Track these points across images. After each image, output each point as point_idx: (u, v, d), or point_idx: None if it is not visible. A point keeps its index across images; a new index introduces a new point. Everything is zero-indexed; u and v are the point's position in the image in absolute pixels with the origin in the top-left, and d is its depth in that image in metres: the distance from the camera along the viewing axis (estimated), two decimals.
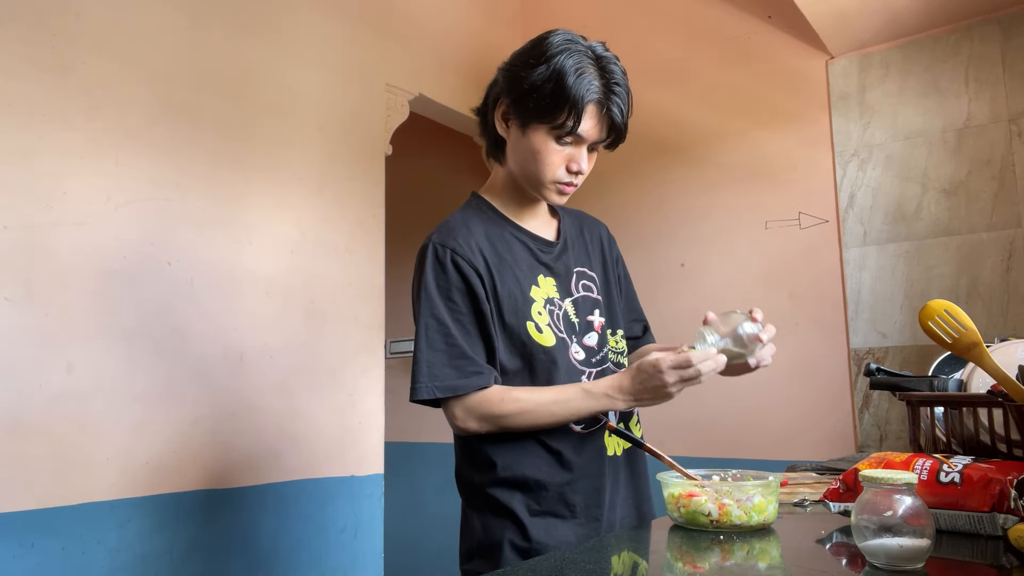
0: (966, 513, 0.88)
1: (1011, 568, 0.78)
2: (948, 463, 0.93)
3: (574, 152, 1.14)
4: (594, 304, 1.26)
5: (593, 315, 1.24)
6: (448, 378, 1.10)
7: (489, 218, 1.22)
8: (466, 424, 1.10)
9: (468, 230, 1.17)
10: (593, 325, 1.23)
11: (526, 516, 1.11)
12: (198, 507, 1.83)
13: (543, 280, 1.20)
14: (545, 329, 1.16)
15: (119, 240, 1.75)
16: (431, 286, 1.13)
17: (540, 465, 1.13)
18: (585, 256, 1.30)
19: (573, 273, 1.26)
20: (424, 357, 1.11)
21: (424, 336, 1.12)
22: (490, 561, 1.12)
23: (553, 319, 1.18)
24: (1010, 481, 0.87)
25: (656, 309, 2.66)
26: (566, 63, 1.08)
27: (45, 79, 1.66)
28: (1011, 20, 2.11)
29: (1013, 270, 2.04)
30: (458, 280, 1.13)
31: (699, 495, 0.96)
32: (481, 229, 1.18)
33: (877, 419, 2.20)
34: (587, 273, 1.28)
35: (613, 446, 1.19)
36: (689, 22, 2.72)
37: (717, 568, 0.82)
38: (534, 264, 1.21)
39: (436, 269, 1.14)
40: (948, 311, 1.05)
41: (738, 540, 0.90)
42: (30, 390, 1.56)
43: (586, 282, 1.27)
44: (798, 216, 2.43)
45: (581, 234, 1.33)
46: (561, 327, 1.18)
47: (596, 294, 1.27)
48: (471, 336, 1.13)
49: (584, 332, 1.22)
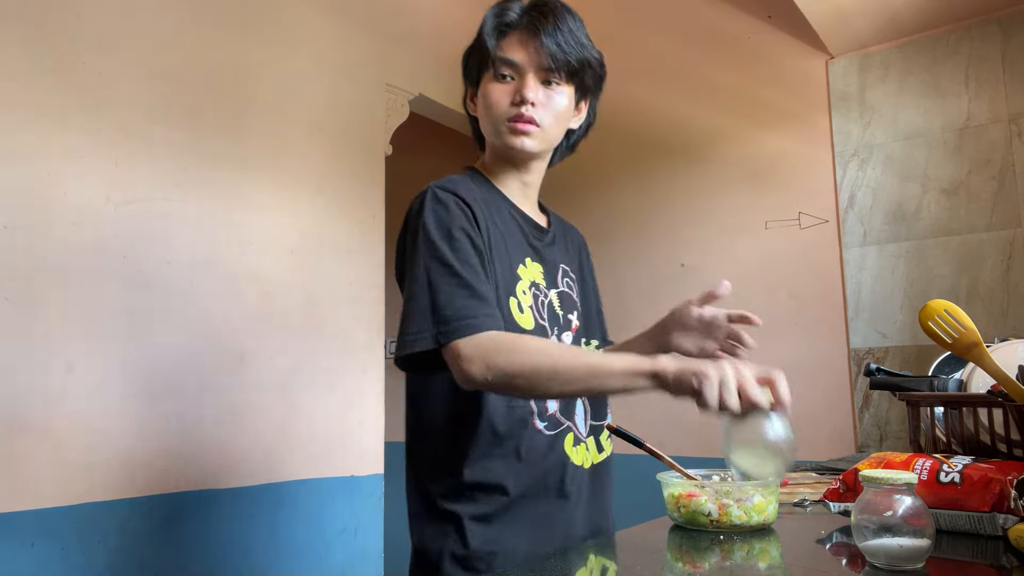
0: (966, 513, 0.88)
1: (1011, 568, 0.78)
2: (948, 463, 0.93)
3: (518, 84, 1.09)
4: (573, 305, 1.19)
5: (572, 315, 1.17)
6: (456, 317, 0.94)
7: (487, 188, 1.15)
8: (470, 369, 0.91)
9: (469, 187, 1.09)
10: (571, 325, 1.16)
11: (472, 524, 1.00)
12: (198, 507, 1.83)
13: (531, 263, 1.12)
14: (527, 311, 1.07)
15: (119, 240, 1.75)
16: (431, 227, 1.01)
17: (494, 468, 1.01)
18: (567, 256, 1.25)
19: (559, 267, 1.19)
20: (422, 303, 0.97)
21: (424, 280, 0.98)
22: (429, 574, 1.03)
23: (537, 304, 1.09)
24: (1010, 481, 0.87)
25: (656, 309, 2.65)
26: (488, 13, 1.13)
27: (45, 79, 1.66)
28: (1011, 20, 2.11)
29: (1013, 270, 2.04)
30: (462, 218, 1.02)
31: (699, 495, 0.96)
32: (480, 194, 1.10)
33: (877, 419, 2.20)
34: (570, 272, 1.22)
35: (581, 457, 1.09)
36: (689, 22, 2.72)
37: (717, 568, 0.82)
38: (524, 245, 1.13)
39: (438, 209, 1.02)
40: (948, 311, 1.05)
41: (738, 540, 0.90)
42: (30, 390, 1.56)
43: (569, 280, 1.21)
44: (798, 216, 2.43)
45: (565, 236, 1.29)
46: (544, 315, 1.10)
47: (575, 295, 1.21)
48: (479, 276, 0.99)
49: (564, 329, 1.14)
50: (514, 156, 1.14)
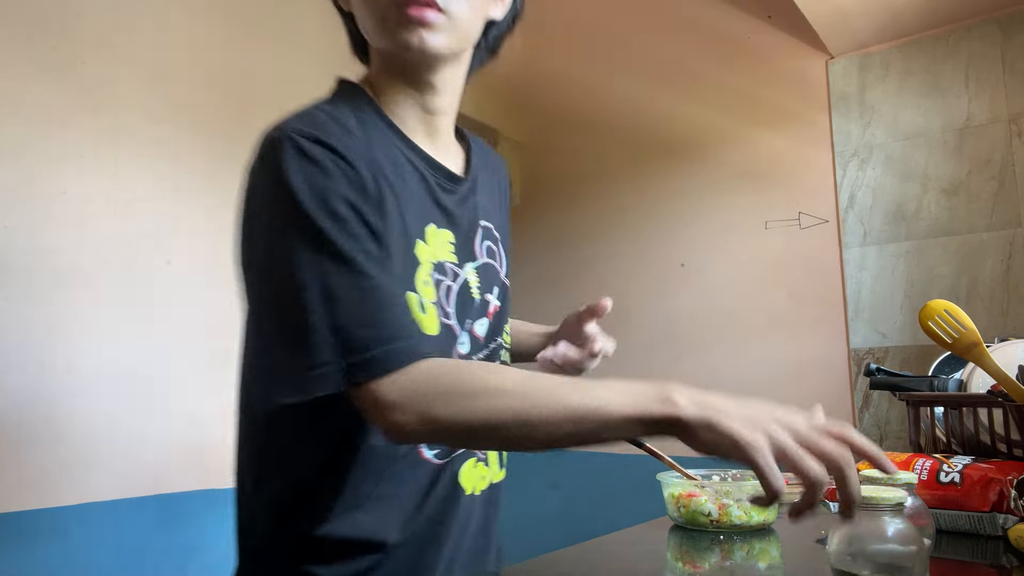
0: (966, 513, 0.88)
1: (1011, 568, 0.78)
2: (948, 463, 0.93)
3: None
4: (495, 278, 0.87)
5: (491, 293, 0.86)
6: (372, 341, 0.64)
7: (372, 121, 0.78)
8: (398, 420, 0.63)
9: (345, 129, 0.74)
10: (488, 308, 0.85)
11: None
12: (198, 507, 1.83)
13: (435, 234, 0.79)
14: (430, 310, 0.75)
15: (119, 240, 1.75)
16: (304, 198, 0.67)
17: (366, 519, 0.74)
18: (489, 204, 0.91)
19: (479, 228, 0.86)
20: (314, 318, 0.65)
21: (313, 282, 0.65)
22: None
23: (441, 294, 0.78)
24: (1010, 481, 0.87)
25: (656, 309, 2.66)
26: None
27: (45, 79, 1.66)
28: (1011, 20, 2.11)
29: (1013, 270, 2.04)
30: (343, 182, 0.69)
31: (699, 495, 0.96)
32: (362, 135, 0.75)
33: (877, 419, 2.20)
34: (492, 232, 0.89)
35: (474, 481, 0.83)
36: (689, 22, 2.72)
37: (717, 568, 0.82)
38: (428, 206, 0.79)
39: (308, 169, 0.68)
40: (948, 311, 1.05)
41: (738, 540, 0.90)
42: (30, 390, 1.56)
43: (490, 244, 0.88)
44: (798, 216, 2.43)
45: (487, 174, 0.93)
46: (450, 308, 0.79)
47: (498, 262, 0.89)
48: (389, 272, 0.69)
49: (478, 315, 0.83)
50: (409, 64, 0.79)
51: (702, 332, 2.51)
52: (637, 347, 2.61)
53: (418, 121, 0.83)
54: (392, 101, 0.82)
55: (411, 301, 0.73)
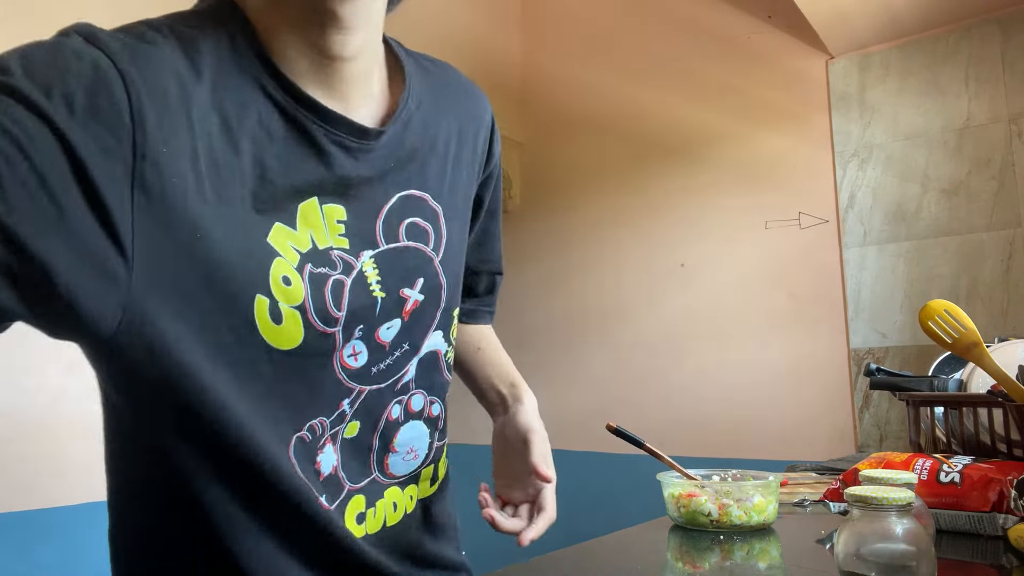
0: (966, 513, 0.88)
1: (1011, 568, 0.78)
2: (948, 463, 0.93)
3: None
4: (424, 264, 0.69)
5: (411, 286, 0.68)
6: None
7: (229, 55, 0.59)
8: None
9: (160, 51, 0.58)
10: (404, 305, 0.68)
11: None
12: None
13: (312, 211, 0.61)
14: (288, 316, 0.59)
15: None
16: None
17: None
18: (435, 165, 0.70)
19: (393, 199, 0.66)
20: None
21: None
22: None
23: (328, 292, 0.61)
24: (1010, 481, 0.87)
25: (656, 309, 2.66)
26: None
27: None
28: (1011, 20, 2.11)
29: (1013, 270, 2.04)
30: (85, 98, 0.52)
31: (699, 495, 0.96)
32: (186, 66, 0.57)
33: (877, 419, 2.20)
34: (426, 202, 0.69)
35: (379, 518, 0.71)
36: (689, 22, 2.72)
37: (717, 568, 0.82)
38: (308, 172, 0.60)
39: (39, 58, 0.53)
40: (948, 311, 1.05)
41: (738, 540, 0.90)
42: (30, 390, 1.57)
43: (418, 221, 0.69)
44: (798, 216, 2.43)
45: (444, 117, 0.72)
46: (329, 310, 0.62)
47: (431, 245, 0.70)
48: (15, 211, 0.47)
49: (386, 317, 0.67)
50: None
51: (702, 332, 2.51)
52: (637, 347, 2.61)
53: (311, 65, 0.60)
54: (276, 39, 0.59)
55: (258, 306, 0.57)
